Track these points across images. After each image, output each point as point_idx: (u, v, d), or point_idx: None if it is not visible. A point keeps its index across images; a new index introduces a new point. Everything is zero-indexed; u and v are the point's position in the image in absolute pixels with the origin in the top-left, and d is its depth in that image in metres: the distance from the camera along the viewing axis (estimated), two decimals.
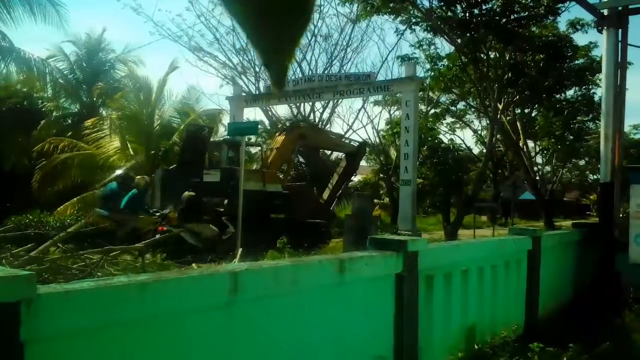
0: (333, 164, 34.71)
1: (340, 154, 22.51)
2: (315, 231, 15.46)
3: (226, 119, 21.76)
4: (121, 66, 23.84)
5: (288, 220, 15.29)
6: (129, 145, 18.47)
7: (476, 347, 4.85)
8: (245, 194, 11.94)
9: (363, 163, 35.23)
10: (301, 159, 28.28)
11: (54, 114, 22.37)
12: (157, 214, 12.33)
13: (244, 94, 20.57)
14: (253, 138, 19.83)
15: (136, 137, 18.75)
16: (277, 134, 18.69)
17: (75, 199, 18.00)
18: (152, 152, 19.01)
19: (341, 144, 20.57)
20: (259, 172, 16.27)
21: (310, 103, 27.27)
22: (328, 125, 30.71)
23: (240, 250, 9.15)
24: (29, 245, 7.65)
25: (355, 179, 30.74)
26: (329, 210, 18.16)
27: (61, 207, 17.19)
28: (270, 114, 29.91)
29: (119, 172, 13.49)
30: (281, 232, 13.21)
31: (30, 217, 12.88)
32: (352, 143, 21.04)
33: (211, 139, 16.50)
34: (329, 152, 31.23)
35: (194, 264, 7.90)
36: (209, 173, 14.46)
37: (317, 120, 30.09)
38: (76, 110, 23.39)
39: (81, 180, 17.91)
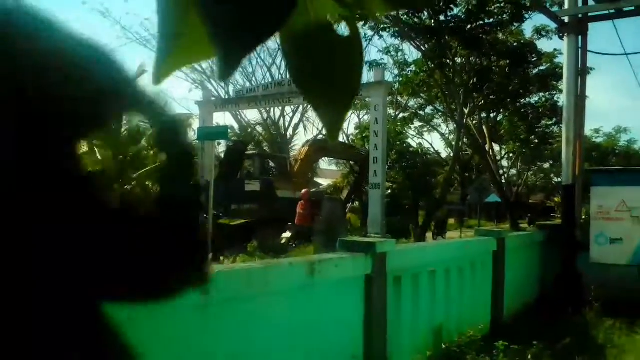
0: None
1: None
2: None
3: (196, 124, 21.60)
4: None
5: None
6: (96, 150, 18.14)
7: (444, 346, 4.95)
8: (280, 201, 14.95)
9: (332, 167, 35.47)
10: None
11: None
12: None
13: (213, 98, 20.48)
14: (223, 142, 20.12)
15: (103, 142, 18.43)
16: (301, 147, 20.57)
17: None
18: (120, 157, 18.74)
19: (354, 154, 23.03)
20: (290, 182, 18.03)
21: (280, 107, 27.35)
22: (299, 130, 30.87)
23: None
24: None
25: (325, 183, 30.92)
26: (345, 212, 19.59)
27: None
28: (239, 118, 29.89)
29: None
30: (311, 234, 14.34)
31: None
32: (362, 152, 22.90)
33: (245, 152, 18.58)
34: None
35: None
36: (250, 183, 16.04)
37: (286, 125, 30.18)
38: None
39: None
